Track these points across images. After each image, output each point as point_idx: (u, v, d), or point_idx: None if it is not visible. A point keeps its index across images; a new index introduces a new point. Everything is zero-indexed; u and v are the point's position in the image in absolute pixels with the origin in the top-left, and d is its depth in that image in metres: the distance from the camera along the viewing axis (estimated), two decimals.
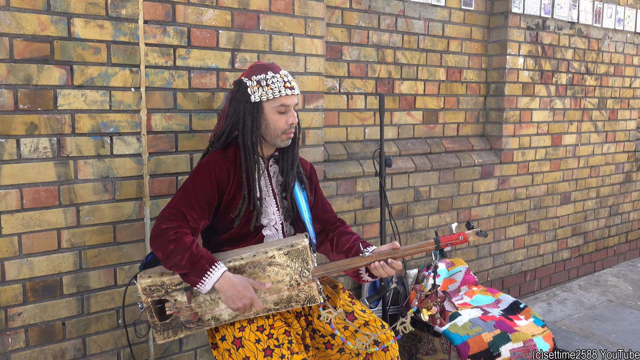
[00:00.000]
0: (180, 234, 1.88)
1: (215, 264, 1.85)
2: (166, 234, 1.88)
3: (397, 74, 3.44)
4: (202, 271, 1.83)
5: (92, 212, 2.26)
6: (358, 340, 1.99)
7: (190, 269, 1.83)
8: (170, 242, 1.86)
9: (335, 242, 2.16)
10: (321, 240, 2.23)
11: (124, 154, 2.30)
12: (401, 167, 3.38)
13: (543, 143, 4.24)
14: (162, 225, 1.90)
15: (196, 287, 1.86)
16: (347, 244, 2.12)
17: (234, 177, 2.04)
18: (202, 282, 1.84)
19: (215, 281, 1.84)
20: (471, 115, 3.91)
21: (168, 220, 1.92)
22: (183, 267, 1.84)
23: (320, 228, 2.24)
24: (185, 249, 1.85)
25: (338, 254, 2.13)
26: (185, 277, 1.86)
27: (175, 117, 2.42)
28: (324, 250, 2.22)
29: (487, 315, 3.06)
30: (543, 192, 4.30)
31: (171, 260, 1.86)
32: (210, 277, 1.84)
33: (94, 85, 2.21)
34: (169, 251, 1.86)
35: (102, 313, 2.33)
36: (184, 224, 1.93)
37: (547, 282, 4.52)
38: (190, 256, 1.84)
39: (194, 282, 1.84)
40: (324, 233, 2.24)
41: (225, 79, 2.54)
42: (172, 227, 1.90)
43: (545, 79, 4.16)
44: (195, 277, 1.83)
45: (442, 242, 1.93)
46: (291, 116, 2.05)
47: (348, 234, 2.17)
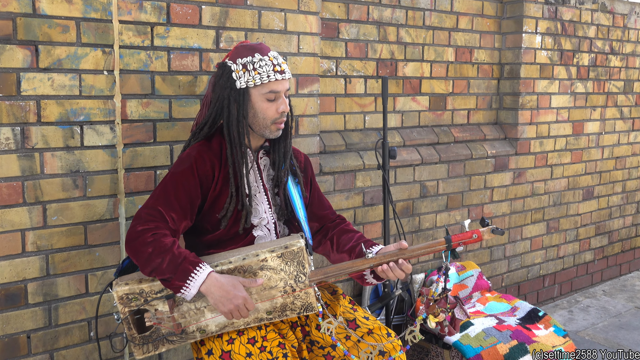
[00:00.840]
0: (159, 236, 1.90)
1: (199, 265, 1.87)
2: (143, 237, 1.89)
3: (401, 55, 3.47)
4: (185, 273, 1.85)
5: (61, 211, 2.26)
6: (362, 351, 2.01)
7: (172, 272, 1.85)
8: (147, 244, 1.88)
9: (336, 241, 2.19)
10: (319, 239, 2.25)
11: (96, 146, 2.31)
12: (405, 159, 3.41)
13: (563, 131, 4.28)
14: (138, 227, 1.92)
15: (180, 293, 1.87)
16: (350, 243, 2.14)
17: (219, 172, 2.06)
18: (187, 286, 1.85)
19: (201, 284, 1.86)
20: (483, 101, 3.94)
21: (144, 221, 1.93)
22: (164, 271, 1.86)
23: (318, 226, 2.27)
24: (166, 251, 1.87)
25: (339, 254, 2.16)
26: (166, 283, 1.88)
27: (153, 103, 2.43)
28: (323, 250, 2.25)
29: (503, 325, 3.10)
30: (563, 186, 4.35)
31: (150, 265, 1.87)
32: (195, 279, 1.85)
33: (62, 68, 2.21)
34: (147, 255, 1.87)
35: (72, 325, 2.34)
36: (162, 225, 1.94)
37: (568, 288, 4.57)
38: (172, 258, 1.86)
39: (178, 287, 1.86)
40: (322, 232, 2.26)
41: (209, 61, 2.55)
42: (149, 229, 1.91)
43: (566, 60, 4.19)
44: (179, 280, 1.85)
45: (453, 241, 1.96)
46: (282, 103, 2.06)
47: (350, 232, 2.20)
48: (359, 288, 3.27)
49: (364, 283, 2.12)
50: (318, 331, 2.09)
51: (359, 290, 3.27)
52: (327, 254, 2.24)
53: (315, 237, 2.27)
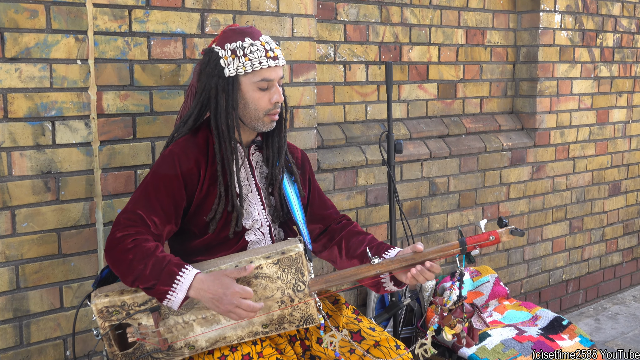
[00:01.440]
0: (140, 241, 1.90)
1: (185, 267, 1.87)
2: (123, 244, 1.90)
3: (405, 38, 3.48)
4: (170, 277, 1.85)
5: (31, 217, 2.27)
6: None
7: (156, 277, 1.85)
8: (128, 251, 1.89)
9: (345, 246, 2.19)
10: (324, 243, 2.26)
11: (70, 143, 2.32)
12: (412, 153, 3.42)
13: (586, 120, 4.30)
14: (118, 233, 1.93)
15: (166, 299, 1.87)
16: (360, 247, 2.15)
17: (205, 171, 2.06)
18: (173, 290, 1.85)
19: (188, 287, 1.85)
20: (497, 88, 3.95)
21: (124, 227, 1.94)
22: (147, 277, 1.86)
23: (321, 228, 2.27)
24: (148, 256, 1.87)
25: (350, 260, 2.16)
26: (151, 291, 1.88)
27: (133, 95, 2.44)
28: (329, 256, 2.25)
29: (523, 336, 3.12)
30: (587, 181, 4.37)
31: (132, 273, 1.88)
32: (181, 282, 1.85)
33: (31, 58, 2.21)
34: (128, 262, 1.88)
35: (45, 343, 2.34)
36: (143, 229, 1.95)
37: (595, 293, 4.59)
38: (155, 262, 1.86)
39: (163, 293, 1.86)
40: (327, 234, 2.27)
41: (194, 47, 2.56)
42: (129, 235, 1.92)
43: (588, 41, 4.21)
44: (164, 285, 1.85)
45: (468, 243, 1.97)
46: (275, 93, 2.07)
47: (360, 235, 2.21)
48: (363, 297, 3.28)
49: (380, 291, 2.13)
50: (319, 345, 2.10)
51: (364, 300, 3.28)
52: (334, 260, 2.25)
53: (319, 240, 2.27)
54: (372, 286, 2.13)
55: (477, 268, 3.60)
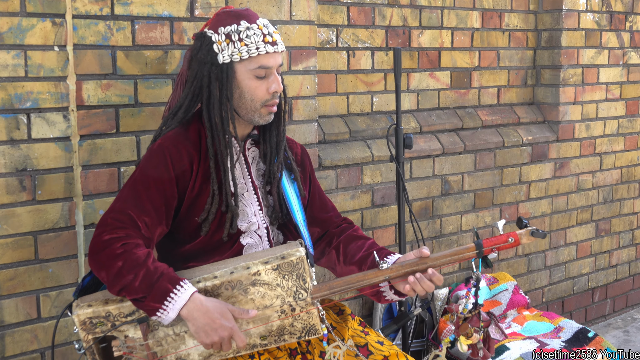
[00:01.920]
0: (130, 246, 1.92)
1: (180, 283, 1.89)
2: (111, 248, 1.91)
3: (415, 21, 3.49)
4: (163, 293, 1.87)
5: (5, 219, 2.28)
6: None
7: (147, 291, 1.87)
8: (117, 257, 1.90)
9: (343, 251, 2.20)
10: (322, 249, 2.27)
11: (47, 138, 2.33)
12: (423, 148, 3.43)
13: (615, 112, 4.31)
14: (105, 235, 1.94)
15: (156, 316, 1.89)
16: (359, 252, 2.16)
17: (198, 167, 2.08)
18: (164, 309, 1.87)
19: (181, 306, 1.87)
20: (516, 76, 3.97)
21: (112, 229, 1.95)
22: (137, 289, 1.87)
23: (320, 232, 2.29)
24: (139, 266, 1.89)
25: (348, 267, 2.18)
26: (139, 304, 1.90)
27: (115, 85, 2.45)
28: (327, 262, 2.27)
29: (545, 349, 3.13)
30: (616, 179, 4.38)
31: (120, 282, 1.89)
32: (174, 301, 1.87)
33: (3, 44, 2.22)
34: (117, 270, 1.89)
35: (21, 357, 2.35)
36: (133, 232, 1.96)
37: (623, 303, 4.60)
38: (146, 274, 1.88)
39: (153, 310, 1.88)
40: (325, 239, 2.28)
41: (182, 32, 2.57)
42: (118, 238, 1.93)
43: (616, 24, 4.22)
44: (155, 301, 1.87)
45: (485, 246, 1.98)
46: (274, 82, 2.08)
47: (359, 239, 2.22)
48: (369, 307, 3.30)
49: (381, 300, 2.14)
50: (322, 359, 2.11)
51: (370, 310, 3.30)
52: (332, 267, 2.26)
53: (317, 245, 2.28)
54: (373, 295, 2.14)
55: (494, 275, 3.61)
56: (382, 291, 2.11)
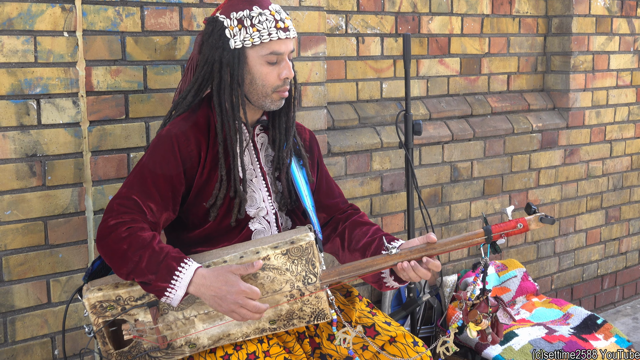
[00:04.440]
0: (135, 229, 1.92)
1: (184, 260, 1.89)
2: (116, 232, 1.92)
3: (425, 7, 3.47)
4: (169, 271, 1.87)
5: (15, 204, 2.29)
6: None
7: (154, 271, 1.87)
8: (122, 240, 1.91)
9: (348, 237, 2.21)
10: (328, 234, 2.27)
11: (56, 124, 2.34)
12: (432, 135, 3.43)
13: (625, 99, 4.29)
14: (111, 220, 1.95)
15: (165, 296, 1.89)
16: (365, 238, 2.16)
17: (206, 153, 2.08)
18: (172, 286, 1.87)
19: (188, 283, 1.87)
20: (526, 63, 3.95)
21: (118, 214, 1.96)
22: (143, 271, 1.88)
23: (326, 218, 2.29)
24: (144, 247, 1.89)
25: (352, 253, 2.18)
26: (147, 286, 1.90)
27: (125, 71, 2.45)
28: (332, 248, 2.27)
29: (554, 335, 3.14)
30: (626, 166, 4.36)
31: (127, 265, 1.90)
32: (181, 278, 1.87)
33: (13, 30, 2.23)
34: (122, 252, 1.90)
35: (32, 341, 2.37)
36: (139, 217, 1.97)
37: (633, 290, 4.59)
38: (152, 255, 1.88)
39: (161, 290, 1.88)
40: (331, 225, 2.28)
41: (192, 18, 2.57)
42: (123, 222, 1.94)
43: (628, 11, 4.19)
44: (162, 281, 1.87)
45: (494, 232, 1.98)
46: (285, 68, 2.08)
47: (364, 225, 2.22)
48: (378, 293, 3.31)
49: (382, 288, 2.14)
50: (331, 342, 2.12)
51: (378, 296, 3.31)
52: (336, 253, 2.26)
53: (323, 231, 2.28)
54: (374, 282, 2.14)
55: (503, 262, 3.61)
56: (383, 278, 2.11)
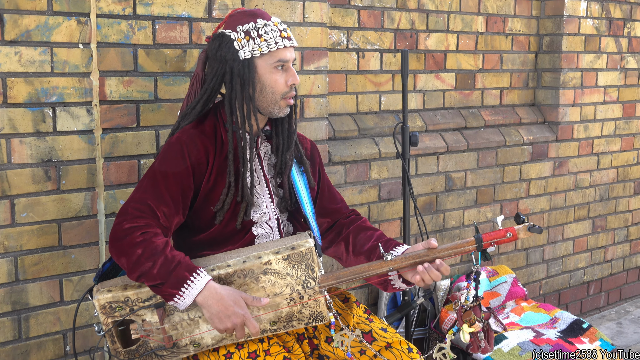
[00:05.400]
0: (150, 235, 1.92)
1: (197, 271, 1.89)
2: (131, 236, 1.92)
3: (422, 25, 3.48)
4: (180, 281, 1.88)
5: (31, 207, 2.29)
6: None
7: (165, 278, 1.87)
8: (137, 245, 1.90)
9: (352, 242, 2.20)
10: (331, 238, 2.27)
11: (71, 131, 2.34)
12: (428, 146, 3.43)
13: (612, 114, 4.28)
14: (125, 224, 1.94)
15: (172, 302, 1.90)
16: (368, 243, 2.16)
17: (214, 160, 2.08)
18: (181, 295, 1.88)
19: (197, 294, 1.88)
20: (518, 79, 3.95)
21: (132, 217, 1.95)
22: (155, 276, 1.88)
23: (330, 223, 2.29)
24: (157, 254, 1.89)
25: (356, 257, 2.18)
26: (157, 290, 1.90)
27: (136, 81, 2.45)
28: (336, 252, 2.27)
29: (541, 338, 3.13)
30: (612, 178, 4.36)
31: (139, 269, 1.90)
32: (191, 288, 1.88)
33: (31, 41, 2.23)
34: (136, 257, 1.90)
35: (44, 338, 2.37)
36: (153, 222, 1.96)
37: (617, 296, 4.58)
38: (164, 262, 1.88)
39: (170, 296, 1.89)
40: (335, 229, 2.28)
41: (200, 32, 2.57)
42: (138, 227, 1.93)
43: (615, 30, 4.19)
44: (172, 287, 1.87)
45: (484, 240, 1.98)
46: (291, 75, 2.09)
47: (368, 230, 2.22)
48: (375, 296, 3.30)
49: (387, 289, 2.14)
50: (328, 344, 2.12)
51: (375, 299, 3.30)
52: (340, 257, 2.26)
53: (326, 235, 2.28)
54: (380, 284, 2.14)
55: (494, 268, 3.60)
56: (391, 280, 2.11)
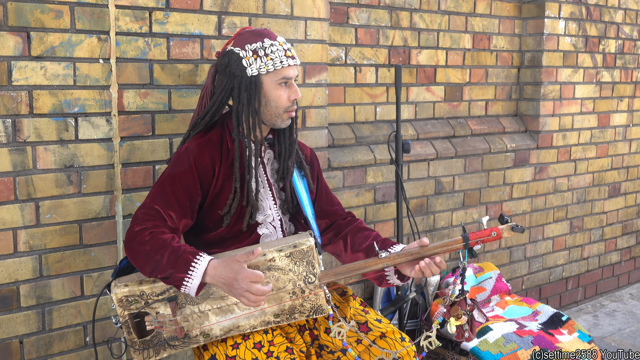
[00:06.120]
0: (157, 233, 1.93)
1: (200, 253, 1.90)
2: (140, 236, 1.92)
3: (414, 42, 3.48)
4: (186, 264, 1.87)
5: (54, 209, 2.29)
6: (377, 358, 2.04)
7: (173, 266, 1.87)
8: (145, 243, 1.91)
9: (350, 241, 2.21)
10: (329, 237, 2.27)
11: (92, 139, 2.34)
12: (419, 153, 3.43)
13: (588, 124, 4.29)
14: (136, 227, 1.95)
15: (183, 286, 1.88)
16: (366, 241, 2.16)
17: (220, 167, 2.08)
18: (189, 277, 1.87)
19: (202, 273, 1.87)
20: (502, 91, 3.95)
21: (142, 221, 1.96)
22: (164, 267, 1.88)
23: (327, 223, 2.29)
24: (165, 246, 1.89)
25: (354, 254, 2.18)
26: (168, 280, 1.90)
27: (152, 94, 2.45)
28: (334, 249, 2.27)
29: (524, 330, 3.12)
30: (588, 182, 4.36)
31: (150, 263, 1.90)
32: (196, 269, 1.87)
33: (55, 56, 2.24)
34: (146, 253, 1.90)
35: (66, 329, 2.37)
36: (160, 223, 1.97)
37: (593, 291, 4.58)
38: (172, 252, 1.88)
39: (180, 280, 1.87)
40: (333, 229, 2.28)
41: (211, 48, 2.57)
42: (146, 228, 1.94)
43: (591, 47, 4.20)
44: (180, 272, 1.87)
45: (471, 239, 1.98)
46: (294, 91, 2.10)
47: (365, 230, 2.22)
48: (370, 291, 3.30)
49: (382, 284, 2.14)
50: (327, 335, 2.12)
51: (370, 293, 3.29)
52: (339, 254, 2.26)
53: (324, 234, 2.29)
54: (376, 279, 2.14)
55: (480, 265, 3.60)
56: (387, 276, 2.12)
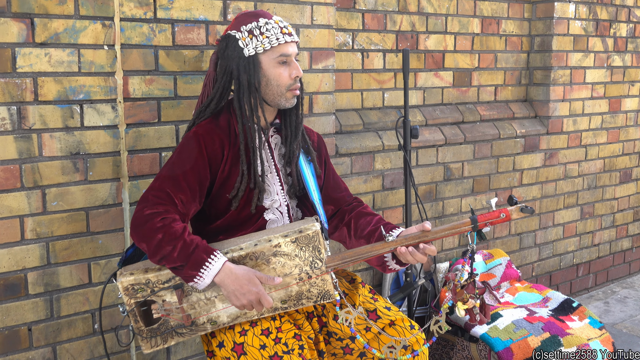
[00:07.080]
0: (169, 220, 1.90)
1: (214, 254, 1.88)
2: (152, 222, 1.90)
3: (422, 26, 3.44)
4: (199, 263, 1.86)
5: (61, 196, 2.28)
6: (386, 346, 2.01)
7: (184, 260, 1.85)
8: (157, 230, 1.88)
9: (354, 226, 2.18)
10: (335, 224, 2.25)
11: (97, 126, 2.32)
12: (428, 139, 3.39)
13: (599, 109, 4.24)
14: (146, 210, 1.92)
15: (192, 283, 1.88)
16: (368, 227, 2.14)
17: (228, 151, 2.06)
18: (200, 276, 1.86)
19: (215, 274, 1.86)
20: (512, 76, 3.91)
21: (152, 204, 1.93)
22: (175, 259, 1.86)
23: (333, 210, 2.26)
24: (177, 238, 1.87)
25: (358, 240, 2.15)
26: (177, 271, 1.88)
27: (157, 80, 2.43)
28: (340, 236, 2.24)
29: (534, 316, 3.09)
30: (599, 168, 4.32)
31: (160, 253, 1.88)
32: (209, 269, 1.86)
33: (60, 43, 2.22)
34: (157, 241, 1.88)
35: (74, 316, 2.36)
36: (171, 208, 1.94)
37: (604, 277, 4.55)
38: (183, 246, 1.86)
39: (190, 277, 1.87)
40: (338, 216, 2.25)
41: (216, 34, 2.54)
42: (158, 213, 1.91)
43: (602, 31, 4.14)
44: (192, 269, 1.86)
45: (480, 221, 1.94)
46: (294, 68, 2.07)
47: (368, 215, 2.19)
48: (379, 278, 3.27)
49: (385, 270, 2.11)
50: (336, 322, 2.10)
51: (379, 280, 3.27)
52: (344, 241, 2.24)
53: (331, 221, 2.26)
54: (378, 265, 2.12)
55: (489, 251, 3.57)
56: (387, 262, 2.08)
